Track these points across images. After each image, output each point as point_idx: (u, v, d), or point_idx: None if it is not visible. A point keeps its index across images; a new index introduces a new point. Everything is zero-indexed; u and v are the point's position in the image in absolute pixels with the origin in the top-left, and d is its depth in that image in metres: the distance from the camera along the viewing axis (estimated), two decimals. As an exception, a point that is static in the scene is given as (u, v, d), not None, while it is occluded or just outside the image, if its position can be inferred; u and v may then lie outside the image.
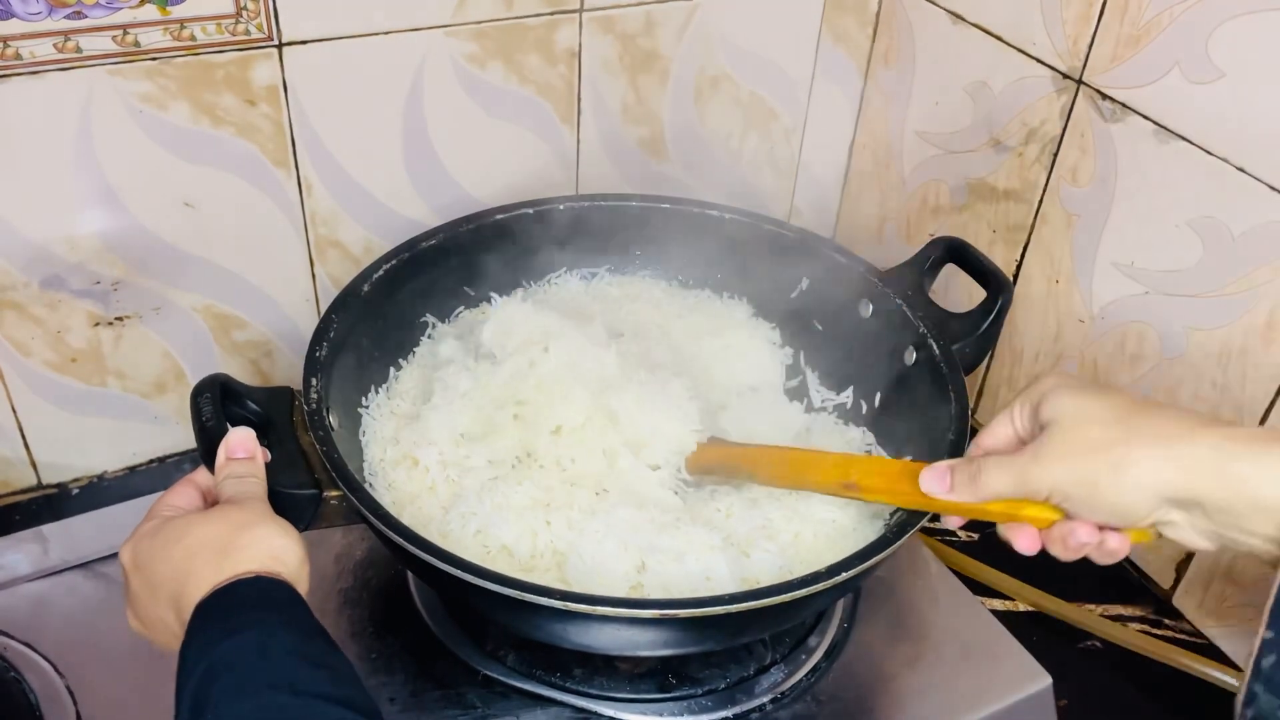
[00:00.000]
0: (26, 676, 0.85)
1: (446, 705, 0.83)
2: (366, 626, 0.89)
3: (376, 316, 0.93)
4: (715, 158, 1.20)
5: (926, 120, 1.15)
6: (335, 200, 1.00)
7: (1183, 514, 0.62)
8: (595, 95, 1.08)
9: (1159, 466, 0.61)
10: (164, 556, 0.64)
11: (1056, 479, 0.64)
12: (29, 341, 0.94)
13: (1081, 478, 0.63)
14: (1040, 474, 0.65)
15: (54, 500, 1.02)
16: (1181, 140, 0.88)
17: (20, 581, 0.93)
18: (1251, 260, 0.85)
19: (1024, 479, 0.65)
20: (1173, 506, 0.62)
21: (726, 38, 1.11)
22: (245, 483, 0.70)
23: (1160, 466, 0.61)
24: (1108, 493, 0.62)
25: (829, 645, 0.90)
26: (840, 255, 0.99)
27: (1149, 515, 0.62)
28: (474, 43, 0.98)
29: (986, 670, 0.90)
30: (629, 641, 0.76)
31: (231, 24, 0.87)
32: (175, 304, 0.98)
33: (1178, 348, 0.93)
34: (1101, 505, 0.63)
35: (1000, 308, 0.89)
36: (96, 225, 0.91)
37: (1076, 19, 0.94)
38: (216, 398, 0.76)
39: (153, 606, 0.64)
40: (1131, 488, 0.62)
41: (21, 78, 0.82)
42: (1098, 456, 0.63)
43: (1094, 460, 0.63)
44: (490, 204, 1.02)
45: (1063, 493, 0.64)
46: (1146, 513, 0.62)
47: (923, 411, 0.88)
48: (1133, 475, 0.61)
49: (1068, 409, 0.65)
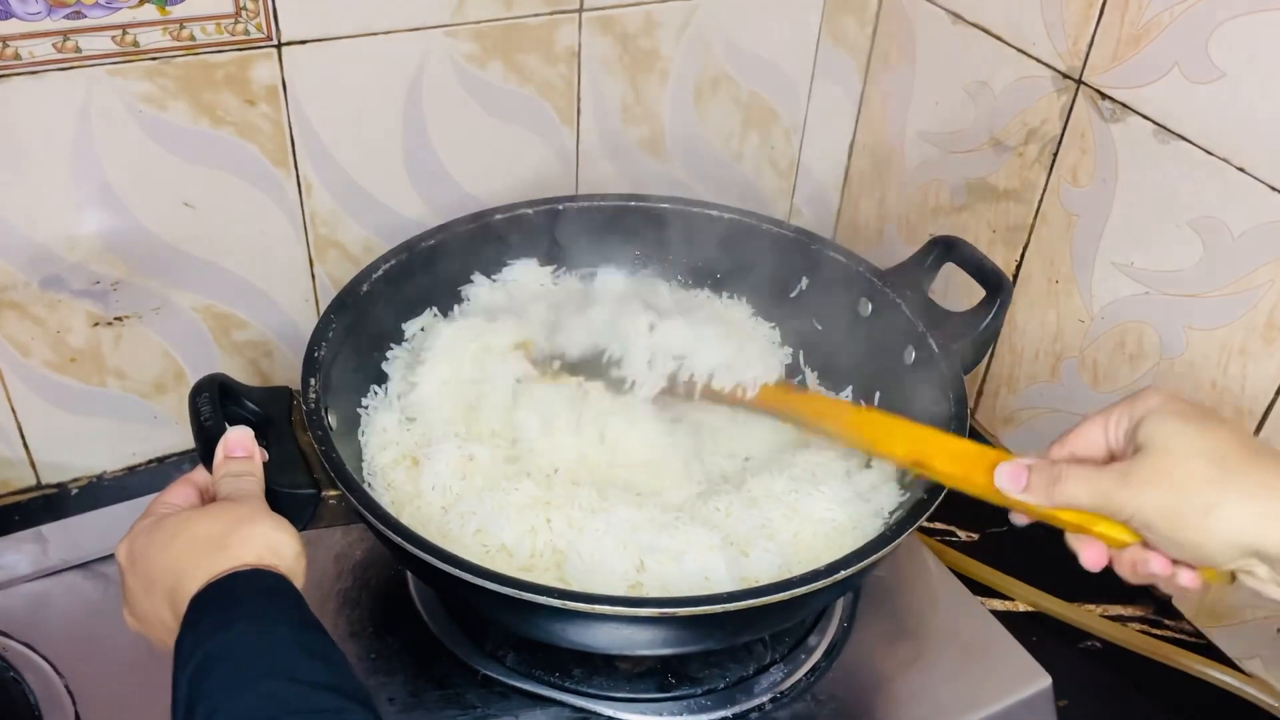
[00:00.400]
0: (26, 676, 0.85)
1: (446, 705, 0.83)
2: (366, 626, 0.89)
3: (376, 316, 0.93)
4: (715, 158, 1.20)
5: (926, 120, 1.15)
6: (335, 200, 1.00)
7: (1267, 567, 0.60)
8: (595, 95, 1.08)
9: (1251, 519, 0.58)
10: (160, 552, 0.64)
11: (1141, 505, 0.61)
12: (29, 341, 0.94)
13: (1168, 511, 0.60)
14: (1125, 497, 0.62)
15: (53, 500, 1.02)
16: (1181, 140, 0.88)
17: (20, 581, 0.93)
18: (1251, 260, 0.85)
19: (1106, 497, 0.63)
20: (1258, 559, 0.59)
21: (726, 38, 1.11)
22: (243, 481, 0.70)
23: (1253, 519, 0.58)
24: (1192, 533, 0.60)
25: (829, 645, 0.90)
26: (840, 255, 0.99)
27: (1230, 562, 0.60)
28: (474, 43, 0.98)
29: (986, 670, 0.90)
30: (628, 641, 0.76)
31: (231, 24, 0.87)
32: (175, 304, 0.98)
33: (1177, 348, 0.93)
34: (1183, 543, 0.60)
35: (999, 307, 0.89)
36: (96, 225, 0.91)
37: (1076, 19, 0.94)
38: (215, 397, 0.76)
39: (149, 602, 0.64)
40: (1218, 533, 0.59)
41: (21, 78, 0.82)
42: (1190, 494, 0.60)
43: (1185, 497, 0.60)
44: (490, 204, 1.02)
45: (1144, 521, 0.61)
46: (1228, 560, 0.60)
47: (922, 411, 0.88)
48: (1222, 522, 0.59)
49: (1168, 434, 0.62)
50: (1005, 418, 1.13)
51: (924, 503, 0.76)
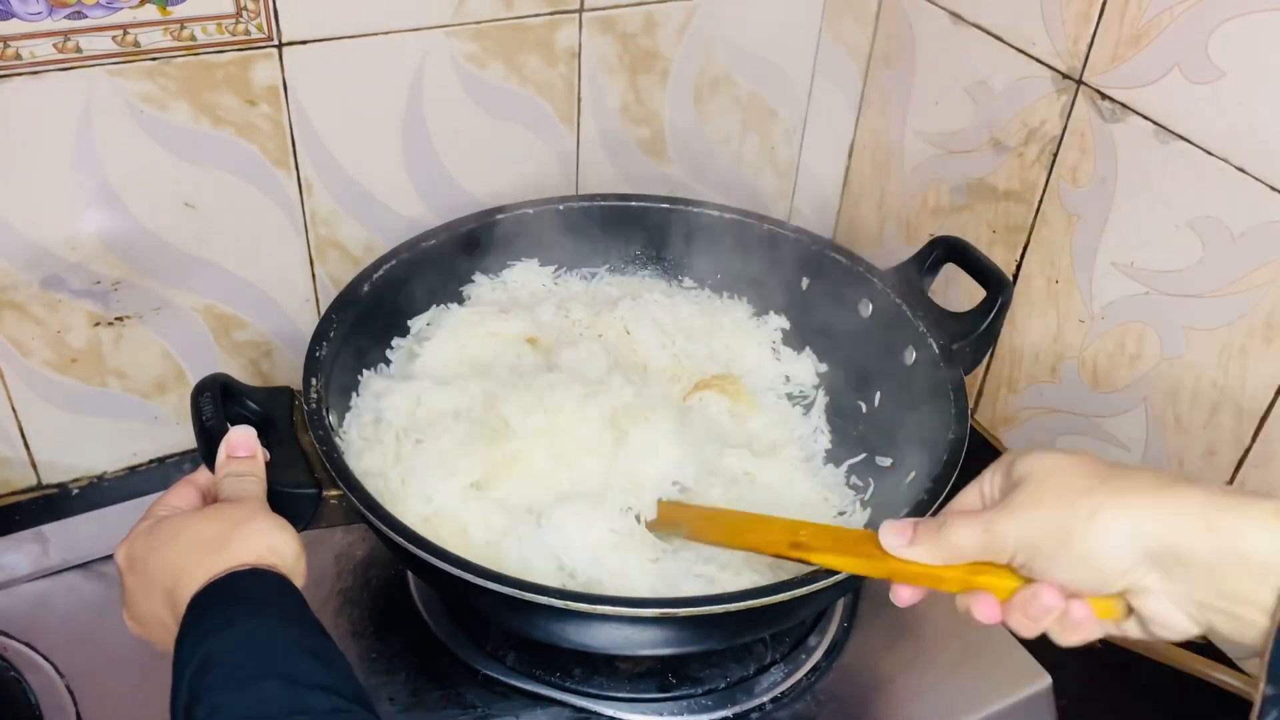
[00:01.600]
0: (26, 676, 0.85)
1: (446, 705, 0.83)
2: (366, 626, 0.89)
3: (376, 316, 0.93)
4: (715, 158, 1.20)
5: (926, 120, 1.15)
6: (335, 200, 1.00)
7: (1161, 578, 0.56)
8: (595, 95, 1.08)
9: (1139, 515, 0.56)
10: (159, 554, 0.64)
11: (1025, 531, 0.59)
12: (29, 341, 0.94)
13: (1053, 527, 0.58)
14: (1009, 524, 0.59)
15: (54, 500, 1.02)
16: (1181, 140, 0.88)
17: (20, 581, 0.93)
18: (1251, 260, 0.85)
19: (991, 532, 0.60)
20: (1150, 567, 0.56)
21: (726, 38, 1.11)
22: (244, 481, 0.70)
23: (1140, 515, 0.56)
24: (1079, 542, 0.57)
25: (829, 645, 0.90)
26: (840, 255, 0.99)
27: (1124, 574, 0.56)
28: (474, 43, 0.98)
29: (986, 670, 0.90)
30: (628, 641, 0.76)
31: (231, 24, 0.87)
32: (175, 304, 0.98)
33: (1177, 348, 0.93)
34: (1072, 558, 0.57)
35: (1000, 307, 0.89)
36: (97, 225, 0.91)
37: (1076, 19, 0.94)
38: (217, 397, 0.76)
39: (148, 604, 0.64)
40: (1107, 536, 0.56)
41: (21, 78, 0.82)
42: (1073, 504, 0.58)
43: (1068, 508, 0.58)
44: (490, 204, 1.02)
45: (1031, 546, 0.59)
46: (1122, 570, 0.56)
47: (922, 411, 0.88)
48: (1109, 522, 0.56)
49: (1041, 464, 0.61)
50: (1005, 418, 1.13)
51: (925, 503, 0.76)
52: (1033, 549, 0.59)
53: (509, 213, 1.01)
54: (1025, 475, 0.61)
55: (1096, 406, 1.02)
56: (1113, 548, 0.56)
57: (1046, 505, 0.59)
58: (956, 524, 0.62)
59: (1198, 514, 0.55)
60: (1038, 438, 1.09)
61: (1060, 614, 0.59)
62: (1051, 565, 0.58)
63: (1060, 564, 0.58)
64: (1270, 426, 0.87)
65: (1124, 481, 0.58)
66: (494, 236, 1.01)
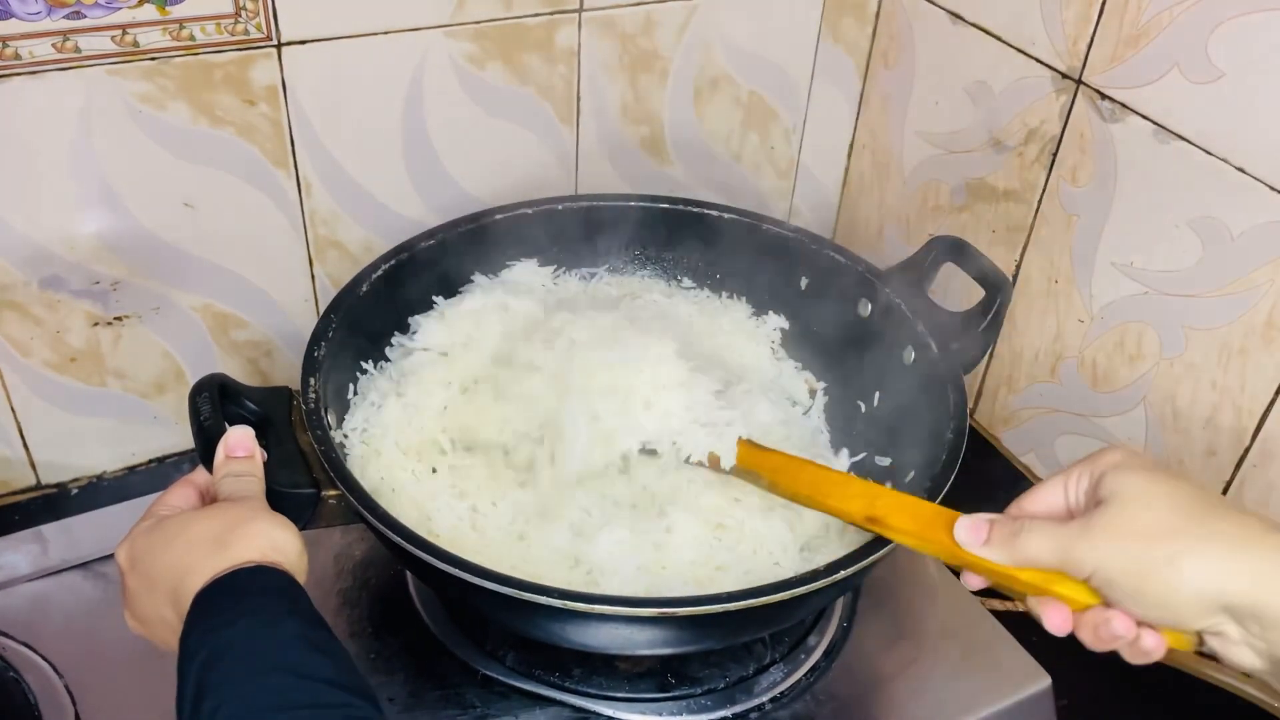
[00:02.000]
0: (26, 676, 0.85)
1: (446, 705, 0.83)
2: (366, 626, 0.89)
3: (375, 317, 0.93)
4: (715, 158, 1.20)
5: (926, 120, 1.15)
6: (335, 200, 1.00)
7: (1237, 627, 0.56)
8: (595, 95, 1.08)
9: (1221, 568, 0.55)
10: (161, 552, 0.64)
11: (1103, 559, 0.58)
12: (29, 341, 0.94)
13: (1131, 564, 0.57)
14: (1087, 550, 0.59)
15: (53, 500, 1.02)
16: (1181, 140, 0.88)
17: (20, 581, 0.93)
18: (1251, 260, 0.85)
19: (1068, 551, 0.60)
20: (1228, 616, 0.56)
21: (726, 38, 1.11)
22: (243, 481, 0.70)
23: (1222, 568, 0.55)
24: (1157, 586, 0.56)
25: (828, 645, 0.90)
26: (839, 255, 0.99)
27: (1198, 620, 0.57)
28: (474, 43, 0.98)
29: (986, 670, 0.90)
30: (628, 640, 0.76)
31: (230, 24, 0.87)
32: (175, 304, 0.98)
33: (1177, 348, 0.93)
34: (1147, 599, 0.57)
35: (999, 307, 0.89)
36: (96, 225, 0.91)
37: (1076, 19, 0.94)
38: (215, 397, 0.76)
39: (150, 603, 0.64)
40: (1184, 586, 0.56)
41: (21, 78, 0.82)
42: (1154, 544, 0.57)
43: (1149, 548, 0.57)
44: (490, 204, 1.02)
45: (1106, 576, 0.58)
46: (1196, 616, 0.56)
47: (922, 411, 0.88)
48: (1189, 572, 0.56)
49: (1131, 488, 0.59)
50: (1005, 418, 1.13)
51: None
52: (1108, 579, 0.59)
53: (508, 213, 1.00)
54: (1113, 495, 0.60)
55: (1096, 406, 1.02)
56: (1190, 597, 0.56)
57: (1128, 539, 0.58)
58: (1034, 534, 0.62)
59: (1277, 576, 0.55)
60: (1038, 437, 1.09)
61: (1131, 640, 0.59)
62: (1126, 599, 0.58)
63: (1135, 601, 0.58)
64: (1270, 426, 0.87)
65: (1210, 527, 0.57)
66: (493, 236, 1.00)
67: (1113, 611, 0.59)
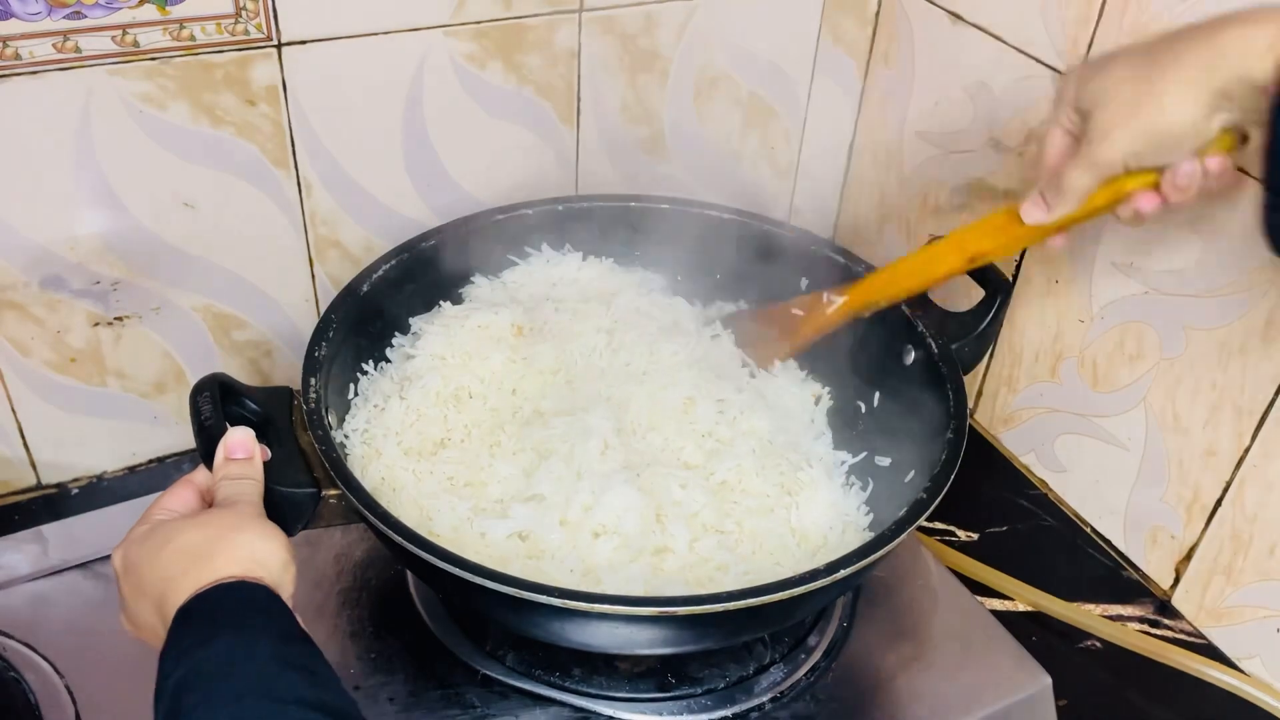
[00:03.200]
0: (26, 676, 0.85)
1: (446, 705, 0.83)
2: (366, 626, 0.89)
3: (376, 316, 0.93)
4: (715, 158, 1.20)
5: (926, 120, 1.15)
6: (335, 200, 1.00)
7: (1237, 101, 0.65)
8: (595, 95, 1.08)
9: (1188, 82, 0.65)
10: (150, 561, 0.64)
11: (1120, 147, 0.69)
12: (29, 341, 0.94)
13: (1137, 133, 0.68)
14: (1106, 150, 0.69)
15: (54, 500, 1.02)
16: (1181, 140, 0.88)
17: (20, 581, 0.93)
18: (1251, 260, 0.85)
19: (1097, 164, 0.70)
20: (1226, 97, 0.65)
21: (726, 38, 1.11)
22: (240, 484, 0.70)
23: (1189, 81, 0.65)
24: (1164, 130, 0.66)
25: (828, 645, 0.90)
26: (840, 255, 0.99)
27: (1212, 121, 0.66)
28: (474, 43, 0.98)
29: (986, 670, 0.90)
30: (628, 640, 0.76)
31: (231, 24, 0.87)
32: (175, 304, 0.98)
33: (1177, 348, 0.93)
34: (1168, 144, 0.67)
35: (999, 307, 0.89)
36: (96, 225, 0.91)
37: (1076, 19, 0.94)
38: (216, 397, 0.76)
39: (140, 611, 0.65)
40: (1178, 114, 0.66)
41: (21, 78, 0.82)
42: (1139, 108, 0.67)
43: (1137, 113, 0.67)
44: (490, 204, 1.02)
45: (1134, 154, 0.69)
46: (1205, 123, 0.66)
47: (922, 411, 0.88)
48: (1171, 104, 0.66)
49: (1097, 87, 0.69)
50: (1005, 418, 1.13)
51: (923, 502, 0.76)
52: (1137, 156, 0.69)
53: (508, 213, 1.01)
54: (1091, 103, 0.70)
55: (1096, 406, 1.02)
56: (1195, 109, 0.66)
57: (1122, 123, 0.68)
58: (1071, 173, 0.72)
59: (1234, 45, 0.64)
60: (1038, 437, 1.09)
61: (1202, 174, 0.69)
62: (1160, 157, 0.69)
63: (1165, 153, 0.68)
64: (1270, 426, 0.87)
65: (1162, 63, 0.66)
66: (493, 236, 1.01)
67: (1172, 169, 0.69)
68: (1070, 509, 1.07)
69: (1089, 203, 0.73)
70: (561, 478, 0.83)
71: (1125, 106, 0.68)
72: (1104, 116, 0.69)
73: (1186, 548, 0.96)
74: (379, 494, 0.82)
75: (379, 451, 0.86)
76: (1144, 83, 0.67)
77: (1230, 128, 0.67)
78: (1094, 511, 1.05)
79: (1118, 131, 0.69)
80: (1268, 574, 0.90)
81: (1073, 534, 1.06)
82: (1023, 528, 1.06)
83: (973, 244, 0.83)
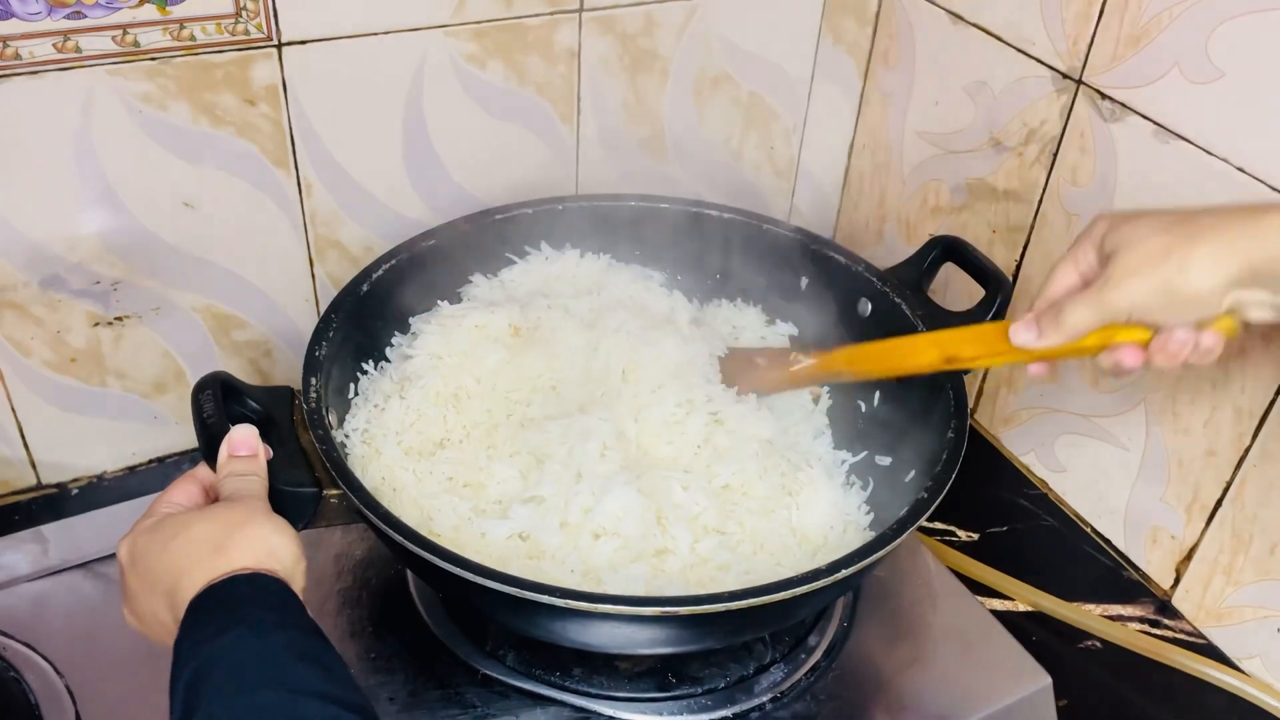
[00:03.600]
0: (26, 676, 0.85)
1: (446, 705, 0.83)
2: (366, 626, 0.89)
3: (376, 316, 0.93)
4: (715, 158, 1.20)
5: (926, 120, 1.15)
6: (335, 200, 1.00)
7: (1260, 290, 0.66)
8: (595, 95, 1.08)
9: (1221, 250, 0.65)
10: (160, 553, 0.64)
11: (1132, 296, 0.68)
12: (29, 341, 0.94)
13: (1153, 289, 0.67)
14: (1117, 296, 0.68)
15: (54, 500, 1.02)
16: (1181, 140, 0.88)
17: (20, 581, 0.93)
18: (1251, 260, 0.85)
19: (1103, 306, 0.69)
20: (1247, 285, 0.65)
21: (726, 38, 1.11)
22: (246, 481, 0.70)
23: (1222, 249, 0.65)
24: (1181, 292, 0.66)
25: (829, 644, 0.90)
26: (839, 255, 0.99)
27: (1223, 301, 0.66)
28: (474, 43, 0.98)
29: (986, 670, 0.90)
30: (629, 639, 0.76)
31: (231, 24, 0.87)
32: (175, 304, 0.98)
33: (1177, 347, 0.92)
34: (1181, 305, 0.67)
35: (999, 306, 0.89)
36: (96, 225, 0.91)
37: (1076, 19, 0.94)
38: (218, 395, 0.76)
39: (148, 603, 0.64)
40: (1201, 278, 0.65)
41: (21, 78, 0.82)
42: (1163, 263, 0.66)
43: (1160, 268, 0.67)
44: (490, 204, 1.02)
45: (1142, 307, 0.68)
46: (1223, 297, 0.66)
47: (922, 410, 0.88)
48: (1197, 267, 0.65)
49: (1127, 233, 0.69)
50: (1005, 418, 1.13)
51: (924, 502, 0.76)
52: (1144, 310, 0.69)
53: (508, 213, 1.01)
54: (1116, 246, 0.69)
55: (1096, 406, 1.02)
56: (1211, 286, 0.66)
57: (1143, 269, 0.68)
58: (1072, 309, 0.71)
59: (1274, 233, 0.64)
60: (1038, 437, 1.09)
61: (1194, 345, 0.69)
62: (1166, 316, 0.68)
63: (1173, 314, 0.68)
64: (1270, 426, 0.87)
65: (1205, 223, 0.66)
66: (493, 236, 1.01)
67: (1167, 331, 0.69)
68: (1070, 509, 1.07)
69: (1079, 340, 0.72)
70: (561, 479, 0.82)
71: (1151, 258, 0.67)
72: (1126, 262, 0.68)
73: (1187, 548, 0.96)
74: (379, 494, 0.82)
75: (379, 451, 0.86)
76: (1176, 240, 0.67)
77: (1236, 310, 0.67)
78: (1094, 511, 1.05)
79: (1135, 280, 0.68)
80: (1268, 574, 0.90)
81: (1073, 534, 1.06)
82: (1023, 528, 1.06)
83: (954, 347, 0.82)
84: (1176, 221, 0.68)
